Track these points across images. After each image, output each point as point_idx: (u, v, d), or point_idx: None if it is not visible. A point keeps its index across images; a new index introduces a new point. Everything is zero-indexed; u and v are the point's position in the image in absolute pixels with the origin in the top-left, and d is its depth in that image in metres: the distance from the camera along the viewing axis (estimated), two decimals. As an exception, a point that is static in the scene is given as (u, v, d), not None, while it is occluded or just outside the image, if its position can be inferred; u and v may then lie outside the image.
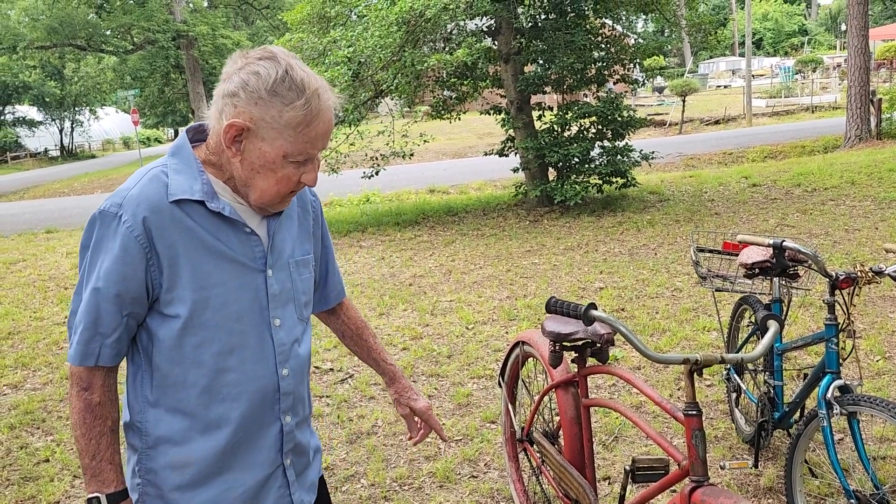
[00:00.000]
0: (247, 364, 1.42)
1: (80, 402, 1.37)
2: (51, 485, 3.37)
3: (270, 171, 1.36)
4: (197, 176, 1.38)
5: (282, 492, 1.52)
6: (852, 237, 6.78)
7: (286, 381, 1.48)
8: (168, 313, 1.37)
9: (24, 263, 8.26)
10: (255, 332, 1.43)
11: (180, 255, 1.36)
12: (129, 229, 1.33)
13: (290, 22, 10.31)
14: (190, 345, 1.38)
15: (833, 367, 2.45)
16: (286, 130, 1.32)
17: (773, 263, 2.74)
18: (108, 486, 1.38)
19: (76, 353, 1.37)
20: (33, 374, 4.84)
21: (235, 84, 1.31)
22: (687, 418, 1.79)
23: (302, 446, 1.56)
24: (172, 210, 1.35)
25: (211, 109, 1.37)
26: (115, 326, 1.36)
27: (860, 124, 13.55)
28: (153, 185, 1.36)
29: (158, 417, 1.42)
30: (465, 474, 3.27)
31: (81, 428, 1.37)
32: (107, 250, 1.34)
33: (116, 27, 28.14)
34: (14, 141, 37.43)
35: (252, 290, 1.43)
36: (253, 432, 1.46)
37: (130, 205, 1.33)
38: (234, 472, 1.45)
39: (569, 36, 9.26)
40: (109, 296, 1.34)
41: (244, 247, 1.42)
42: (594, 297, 5.72)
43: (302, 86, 1.32)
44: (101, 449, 1.37)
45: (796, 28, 56.15)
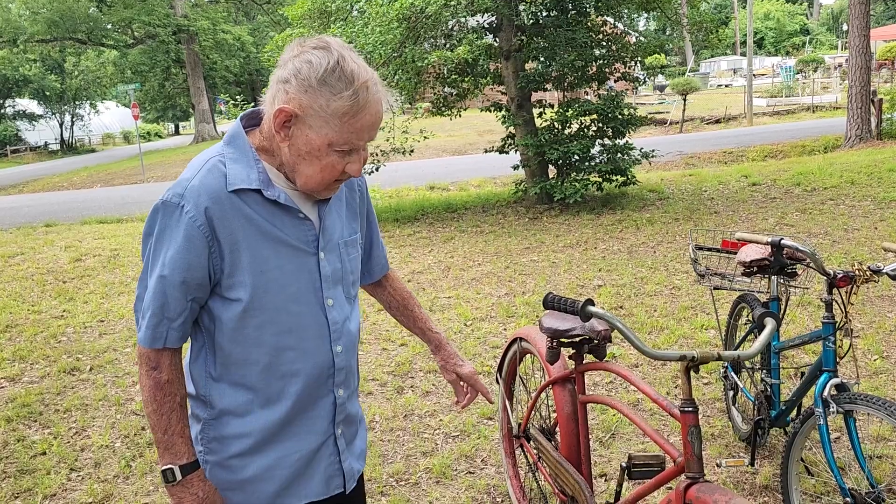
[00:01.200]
0: (304, 342, 1.50)
1: (150, 380, 1.44)
2: (47, 478, 3.37)
3: (315, 159, 1.41)
4: (253, 164, 1.44)
5: (332, 459, 1.60)
6: (851, 237, 6.77)
7: (340, 357, 1.56)
8: (230, 297, 1.44)
9: (23, 257, 8.25)
10: (310, 312, 1.51)
11: (240, 242, 1.42)
12: (192, 219, 1.38)
13: (291, 17, 10.28)
14: (251, 326, 1.46)
15: (830, 365, 2.45)
16: (332, 119, 1.37)
17: (771, 262, 2.74)
18: (180, 457, 1.45)
19: (145, 337, 1.44)
20: (31, 367, 4.84)
21: (289, 71, 1.36)
22: (683, 415, 1.78)
23: (351, 416, 1.65)
24: (232, 199, 1.41)
25: (266, 94, 1.43)
26: (180, 311, 1.43)
27: (861, 124, 13.53)
28: (212, 175, 1.41)
29: (222, 391, 1.50)
30: (462, 470, 3.27)
31: (153, 405, 1.44)
32: (171, 239, 1.40)
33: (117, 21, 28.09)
34: (14, 134, 37.40)
35: (307, 273, 1.50)
36: (309, 404, 1.54)
37: (192, 195, 1.39)
38: (290, 441, 1.53)
39: (570, 33, 9.24)
40: (175, 283, 1.41)
41: (298, 231, 1.48)
42: (593, 294, 5.72)
43: (351, 77, 1.35)
44: (173, 423, 1.45)
45: (798, 28, 56.10)
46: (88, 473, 3.43)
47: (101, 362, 4.84)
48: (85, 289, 6.77)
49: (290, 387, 1.50)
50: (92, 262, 7.87)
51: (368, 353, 4.76)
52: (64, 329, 5.58)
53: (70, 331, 5.55)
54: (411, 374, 4.39)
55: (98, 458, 3.55)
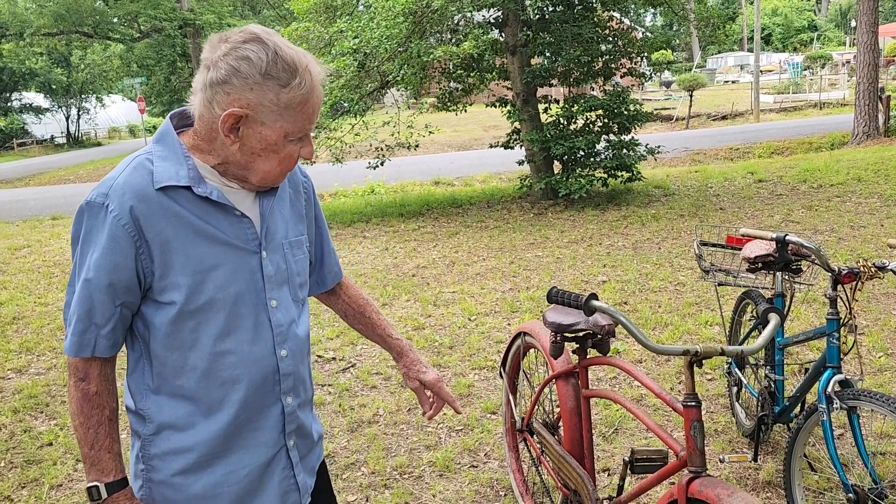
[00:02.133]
0: (245, 346, 1.43)
1: (78, 392, 1.38)
2: (53, 468, 3.40)
3: (273, 153, 1.37)
4: (182, 161, 1.38)
5: (286, 473, 1.52)
6: (857, 234, 6.75)
7: (285, 363, 1.48)
8: (162, 300, 1.38)
9: (29, 249, 8.30)
10: (251, 314, 1.43)
11: (171, 242, 1.36)
12: (116, 218, 1.33)
13: (296, 11, 10.28)
14: (187, 329, 1.39)
15: (834, 361, 2.45)
16: (286, 111, 1.33)
17: (776, 258, 2.73)
18: (106, 475, 1.39)
19: (71, 345, 1.37)
20: (37, 358, 4.87)
21: (224, 71, 1.30)
22: (686, 409, 1.79)
23: (305, 428, 1.57)
24: (159, 197, 1.35)
25: (195, 98, 1.36)
26: (109, 316, 1.37)
27: (868, 121, 13.47)
28: (138, 173, 1.36)
29: (160, 404, 1.42)
30: (465, 464, 3.28)
31: (80, 417, 1.38)
32: (96, 241, 1.34)
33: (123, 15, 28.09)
34: (20, 128, 37.48)
35: (247, 273, 1.43)
36: (254, 414, 1.46)
37: (116, 194, 1.33)
38: (237, 454, 1.46)
39: (576, 28, 9.21)
40: (101, 286, 1.34)
41: (236, 229, 1.42)
42: (597, 290, 5.72)
43: (294, 65, 1.32)
44: (100, 438, 1.39)
45: (806, 24, 55.77)
46: (94, 464, 3.45)
47: (107, 354, 4.86)
48: (91, 281, 6.80)
49: (232, 394, 1.42)
50: (98, 255, 7.90)
51: (372, 348, 4.77)
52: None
53: (76, 323, 5.58)
54: (415, 368, 4.40)
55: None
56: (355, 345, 4.81)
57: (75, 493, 3.21)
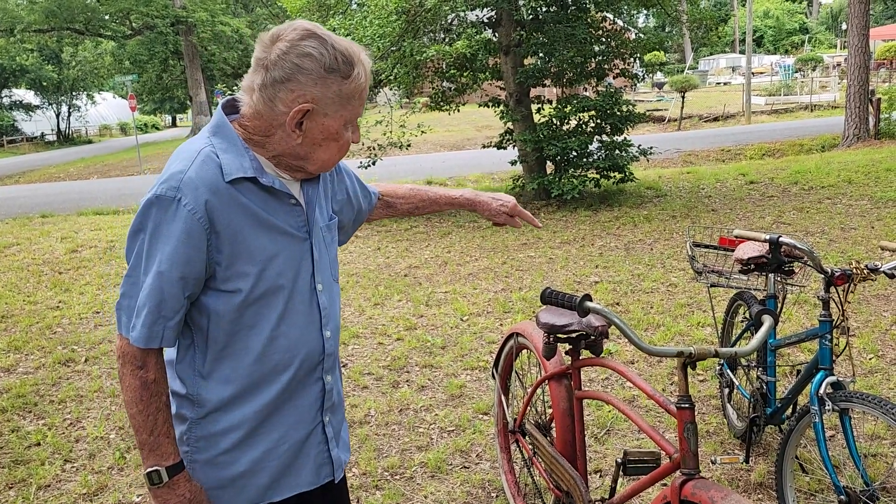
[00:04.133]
0: (297, 330, 1.50)
1: (136, 380, 1.41)
2: (42, 468, 3.36)
3: (333, 142, 1.44)
4: (244, 153, 1.42)
5: (321, 447, 1.60)
6: (848, 236, 6.78)
7: (329, 342, 1.57)
8: (227, 289, 1.42)
9: (19, 247, 8.23)
10: (304, 298, 1.51)
11: (238, 233, 1.41)
12: (192, 212, 1.35)
13: (289, 9, 10.24)
14: (249, 314, 1.45)
15: (826, 363, 2.45)
16: (348, 101, 1.40)
17: (768, 259, 2.73)
18: (166, 458, 1.43)
19: (141, 336, 1.39)
20: (26, 357, 4.82)
21: (287, 69, 1.34)
22: (679, 411, 1.78)
23: (337, 405, 1.65)
24: (229, 189, 1.39)
25: (249, 96, 1.40)
26: (178, 309, 1.40)
27: (859, 124, 13.54)
28: (207, 165, 1.39)
29: (211, 388, 1.47)
30: (457, 465, 3.27)
31: (139, 405, 1.41)
32: (168, 234, 1.36)
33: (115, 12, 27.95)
34: (10, 125, 37.21)
35: (301, 259, 1.50)
36: (297, 392, 1.53)
37: (189, 188, 1.36)
38: (279, 431, 1.52)
39: (569, 29, 9.22)
40: (174, 279, 1.37)
41: (290, 217, 1.49)
42: (589, 290, 5.72)
43: (351, 56, 1.38)
44: (159, 424, 1.42)
45: (797, 26, 56.07)
46: (83, 465, 3.42)
47: (97, 353, 4.83)
48: (81, 280, 6.75)
49: (282, 375, 1.50)
50: (88, 253, 7.85)
51: (364, 347, 4.75)
52: (59, 320, 5.56)
53: (65, 322, 5.54)
54: (407, 368, 4.39)
55: (92, 450, 3.54)
56: (347, 345, 4.79)
57: (63, 493, 3.17)
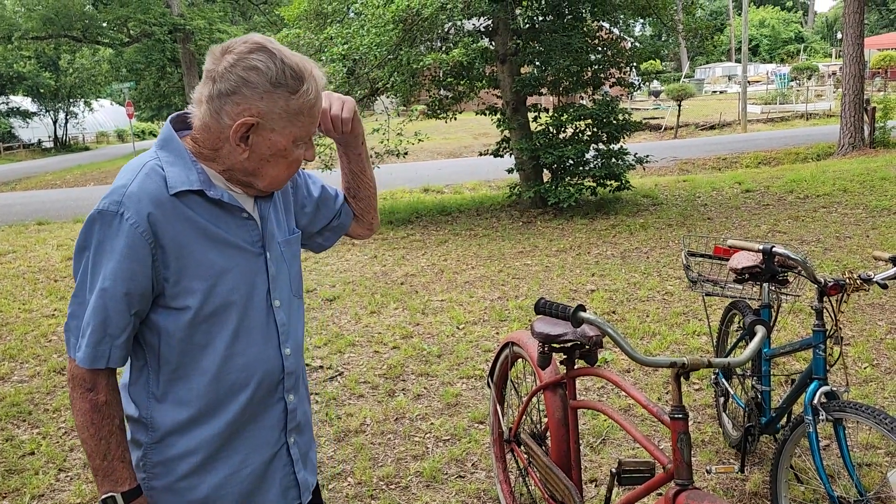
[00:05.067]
0: (253, 348, 1.46)
1: (86, 403, 1.36)
2: (35, 478, 3.35)
3: (282, 158, 1.40)
4: (191, 166, 1.39)
5: (287, 470, 1.55)
6: (843, 244, 6.81)
7: (289, 361, 1.52)
8: (176, 306, 1.39)
9: (14, 255, 8.21)
10: (259, 315, 1.47)
11: (185, 247, 1.37)
12: (134, 226, 1.33)
13: (287, 17, 10.28)
14: (200, 333, 1.40)
15: (820, 373, 2.46)
16: (296, 117, 1.37)
17: (762, 269, 2.74)
18: (121, 484, 1.38)
19: (86, 356, 1.35)
20: (20, 366, 4.81)
21: (233, 82, 1.32)
22: (673, 422, 1.79)
23: (303, 425, 1.60)
24: (174, 202, 1.36)
25: (198, 109, 1.37)
26: (124, 326, 1.37)
27: (854, 132, 13.60)
28: (151, 178, 1.36)
29: (165, 411, 1.42)
30: (453, 474, 3.26)
31: (90, 429, 1.37)
32: (111, 250, 1.33)
33: (113, 19, 27.96)
34: (7, 131, 37.16)
35: (254, 274, 1.46)
36: (258, 413, 1.49)
37: (132, 201, 1.33)
38: (241, 454, 1.47)
39: (566, 38, 9.26)
40: (118, 295, 1.34)
41: (243, 231, 1.45)
42: (585, 299, 5.73)
43: (300, 72, 1.35)
44: (112, 448, 1.38)
45: (793, 35, 56.34)
46: (77, 474, 3.41)
47: (92, 362, 4.81)
48: (76, 288, 6.73)
49: (240, 395, 1.44)
50: (84, 260, 7.82)
51: (360, 356, 4.75)
52: (55, 328, 5.55)
53: (61, 330, 5.52)
54: (403, 377, 4.38)
55: (87, 459, 3.52)
56: (343, 353, 4.79)
57: (57, 503, 3.16)
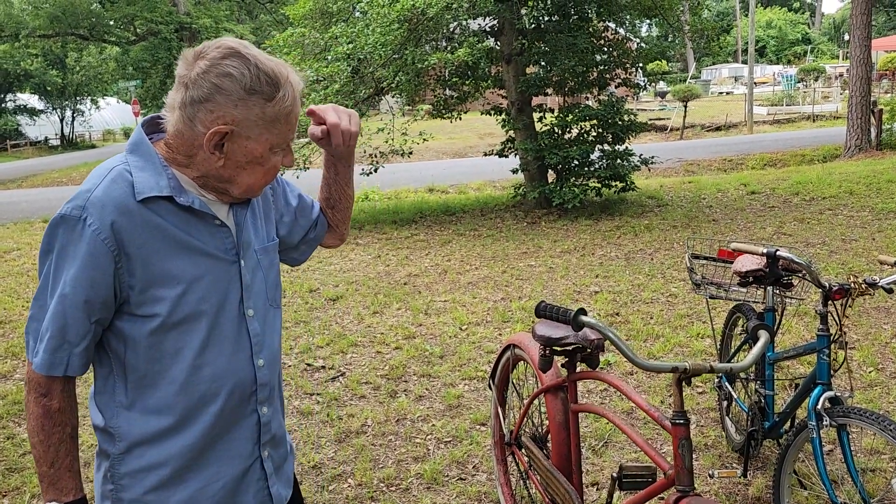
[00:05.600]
0: (223, 357, 1.41)
1: (39, 408, 1.34)
2: (35, 477, 3.34)
3: (258, 165, 1.36)
4: (161, 171, 1.34)
5: (260, 485, 1.50)
6: (849, 247, 6.76)
7: (262, 372, 1.47)
8: (142, 314, 1.35)
9: (19, 252, 8.23)
10: (231, 324, 1.42)
11: (152, 255, 1.33)
12: (96, 232, 1.28)
13: (292, 16, 10.27)
14: (168, 341, 1.36)
15: (824, 378, 2.43)
16: (272, 124, 1.32)
17: (766, 272, 2.72)
18: (66, 494, 1.35)
19: (43, 363, 1.32)
20: (23, 364, 4.81)
21: (206, 89, 1.28)
22: (674, 427, 1.77)
23: (278, 438, 1.55)
24: (140, 209, 1.31)
25: (172, 115, 1.33)
26: (83, 334, 1.33)
27: (860, 134, 13.53)
28: (117, 184, 1.31)
29: (132, 420, 1.38)
30: (453, 476, 3.25)
31: (40, 435, 1.34)
32: (73, 256, 1.30)
33: (119, 17, 28.04)
34: (14, 129, 37.29)
35: (226, 283, 1.41)
36: (230, 425, 1.44)
37: (95, 207, 1.29)
38: (212, 467, 1.43)
39: (571, 38, 9.23)
40: (78, 302, 1.30)
41: (215, 239, 1.40)
42: (589, 300, 5.70)
43: (276, 77, 1.31)
44: (61, 456, 1.35)
45: (799, 37, 56.14)
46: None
47: (94, 360, 4.81)
48: (80, 286, 6.74)
49: (210, 406, 1.40)
50: (88, 258, 7.84)
51: (362, 357, 4.74)
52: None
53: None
54: (405, 377, 4.37)
55: (87, 458, 3.52)
56: (345, 353, 4.78)
57: (57, 502, 3.16)
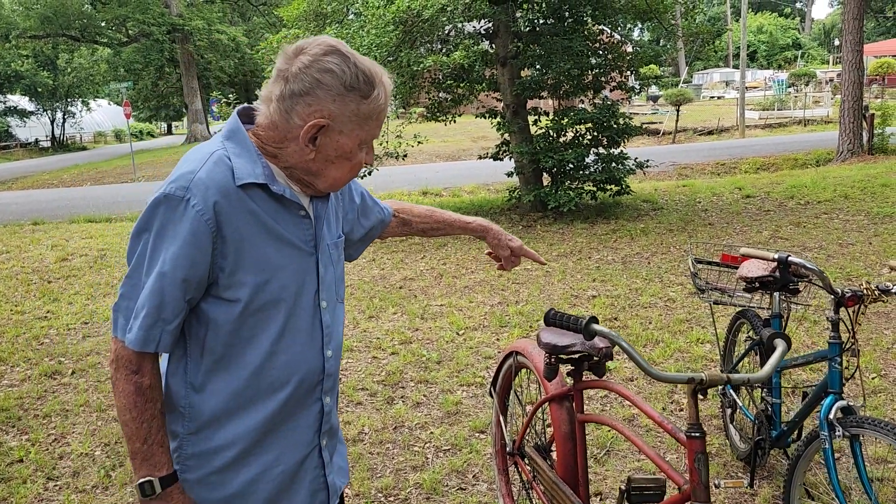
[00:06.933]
0: (297, 347, 1.45)
1: (131, 385, 1.35)
2: (23, 487, 3.25)
3: (346, 160, 1.41)
4: (256, 160, 1.39)
5: (317, 472, 1.54)
6: (846, 251, 6.74)
7: (330, 363, 1.52)
8: (227, 297, 1.38)
9: (8, 255, 8.11)
10: (306, 314, 1.46)
11: (244, 240, 1.37)
12: (200, 213, 1.32)
13: (286, 18, 10.20)
14: (247, 326, 1.40)
15: (836, 387, 2.38)
16: (364, 121, 1.38)
17: (775, 278, 2.67)
18: (160, 469, 1.37)
19: (137, 339, 1.34)
20: (11, 369, 4.71)
21: (307, 83, 1.33)
22: (689, 440, 1.71)
23: (334, 428, 1.60)
24: (239, 194, 1.36)
25: (267, 107, 1.38)
26: (177, 312, 1.36)
27: (853, 139, 13.56)
28: (219, 168, 1.35)
29: (203, 402, 1.41)
30: (453, 486, 3.18)
31: (133, 412, 1.35)
32: (174, 234, 1.32)
33: (111, 19, 27.89)
34: (4, 130, 36.99)
35: (305, 273, 1.46)
36: (295, 412, 1.48)
37: (199, 188, 1.32)
38: (274, 452, 1.47)
39: (566, 41, 9.19)
40: (176, 280, 1.33)
41: (298, 229, 1.45)
42: (587, 304, 5.65)
43: (372, 77, 1.37)
44: (153, 432, 1.36)
45: (790, 42, 56.48)
46: (66, 483, 3.31)
47: (84, 366, 4.72)
48: (70, 289, 6.64)
49: (279, 392, 1.44)
50: (78, 261, 7.73)
51: (358, 362, 4.66)
52: (47, 331, 5.45)
53: (53, 332, 5.43)
54: (402, 384, 4.30)
55: (77, 467, 3.43)
56: (341, 359, 4.70)
57: (45, 513, 3.07)
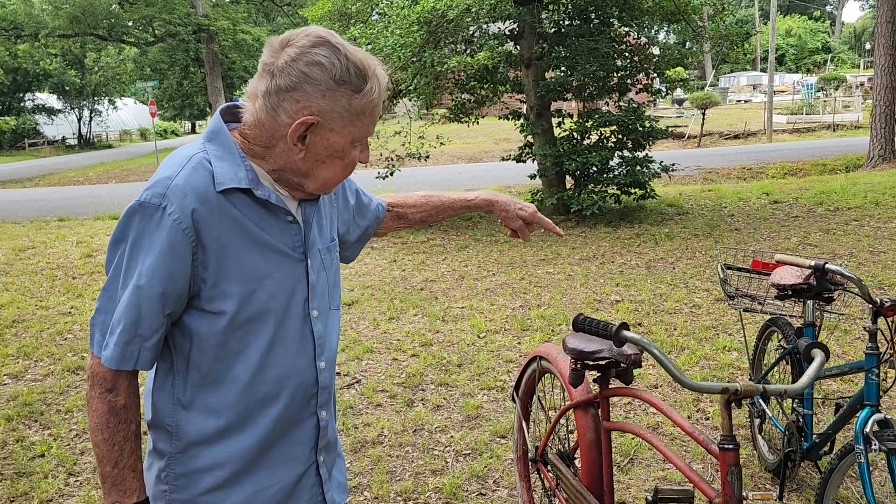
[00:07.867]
0: (288, 358, 1.37)
1: (104, 404, 1.28)
2: (45, 482, 3.26)
3: (338, 159, 1.32)
4: (240, 162, 1.30)
5: (315, 490, 1.47)
6: (878, 259, 6.59)
7: (323, 375, 1.43)
8: (211, 310, 1.29)
9: (34, 251, 8.20)
10: (296, 324, 1.38)
11: (227, 249, 1.28)
12: (177, 222, 1.23)
13: (310, 18, 10.22)
14: (235, 339, 1.31)
15: (872, 399, 2.30)
16: (357, 118, 1.28)
17: (810, 286, 2.59)
18: (129, 495, 1.30)
19: (113, 356, 1.26)
20: (35, 364, 4.75)
21: (294, 78, 1.22)
22: (723, 452, 1.65)
23: (332, 443, 1.52)
24: (219, 200, 1.27)
25: (253, 104, 1.28)
26: (156, 328, 1.28)
27: (884, 144, 13.30)
28: (198, 173, 1.26)
29: (191, 419, 1.34)
30: (473, 491, 3.13)
31: (104, 433, 1.28)
32: (150, 245, 1.24)
33: (138, 19, 28.21)
34: (33, 128, 37.64)
35: (294, 281, 1.37)
36: (290, 428, 1.40)
37: (176, 196, 1.24)
38: (269, 470, 1.39)
39: (592, 43, 9.11)
40: (153, 294, 1.25)
41: (285, 235, 1.36)
42: (610, 310, 5.57)
43: (364, 69, 1.26)
44: (125, 456, 1.29)
45: (819, 45, 55.66)
46: (87, 479, 3.32)
47: (106, 362, 4.74)
48: (94, 285, 6.69)
49: (271, 408, 1.36)
50: (102, 258, 7.80)
51: (378, 363, 4.63)
52: (70, 326, 5.49)
53: (77, 328, 5.47)
54: (422, 386, 4.26)
55: (95, 463, 3.43)
56: (360, 360, 4.67)
57: (65, 509, 3.07)
